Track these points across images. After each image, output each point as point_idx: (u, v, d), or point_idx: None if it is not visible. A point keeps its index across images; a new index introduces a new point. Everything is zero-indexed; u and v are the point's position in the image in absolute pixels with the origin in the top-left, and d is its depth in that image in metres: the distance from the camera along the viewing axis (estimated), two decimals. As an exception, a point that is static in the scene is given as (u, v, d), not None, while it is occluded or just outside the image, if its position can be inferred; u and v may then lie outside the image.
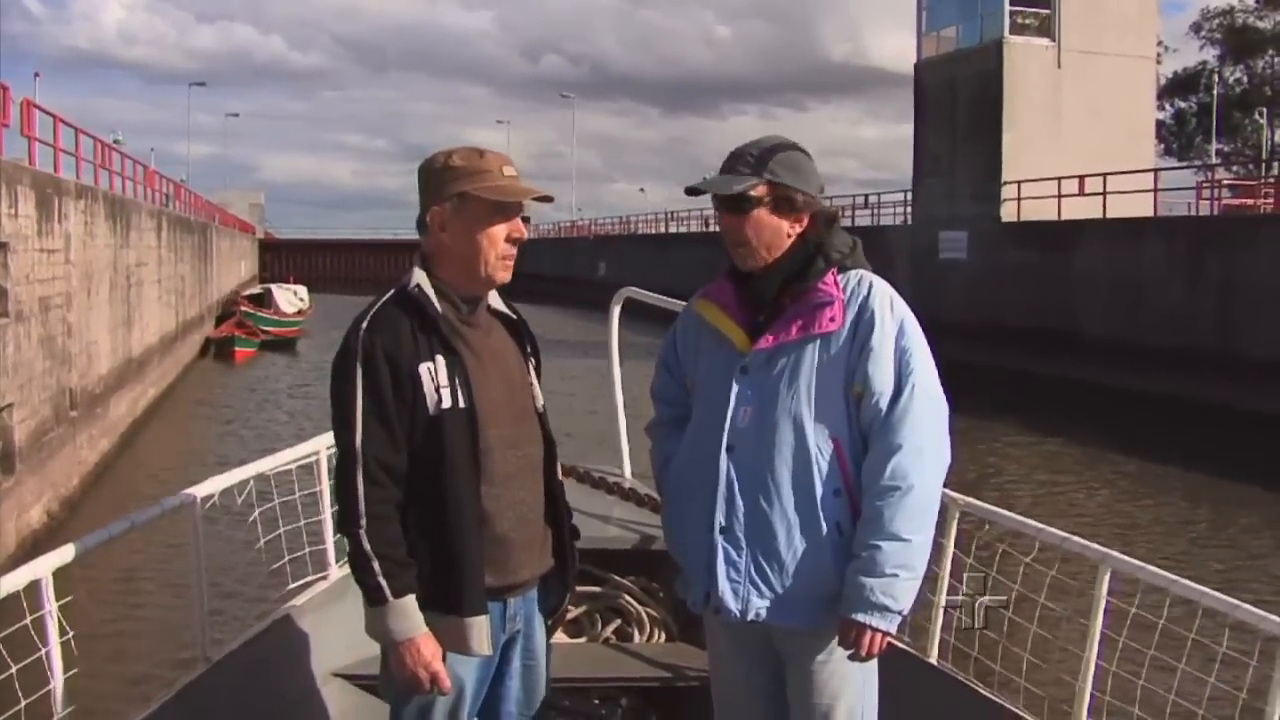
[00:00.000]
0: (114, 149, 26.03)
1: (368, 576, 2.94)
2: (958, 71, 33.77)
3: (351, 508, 2.95)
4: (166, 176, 38.17)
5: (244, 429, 23.00)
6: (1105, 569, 3.70)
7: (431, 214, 3.11)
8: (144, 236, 25.63)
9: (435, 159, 3.15)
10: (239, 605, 8.22)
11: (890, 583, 3.00)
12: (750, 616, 3.14)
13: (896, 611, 3.02)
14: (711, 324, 3.32)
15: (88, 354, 18.12)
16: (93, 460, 17.76)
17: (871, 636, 3.03)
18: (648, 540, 5.18)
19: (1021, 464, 19.99)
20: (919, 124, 35.88)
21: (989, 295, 30.61)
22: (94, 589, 10.69)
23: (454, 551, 3.00)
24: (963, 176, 32.83)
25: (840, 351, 3.10)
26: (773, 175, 3.18)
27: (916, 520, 3.03)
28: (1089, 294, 26.88)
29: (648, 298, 6.34)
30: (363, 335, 2.99)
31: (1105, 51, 31.77)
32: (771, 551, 3.12)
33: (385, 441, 2.97)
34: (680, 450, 3.35)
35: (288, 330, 42.31)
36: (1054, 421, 23.31)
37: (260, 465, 4.56)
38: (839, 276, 3.17)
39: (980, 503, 4.20)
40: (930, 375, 3.12)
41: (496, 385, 3.12)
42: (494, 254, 3.11)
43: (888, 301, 3.14)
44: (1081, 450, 20.92)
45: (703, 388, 3.32)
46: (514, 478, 3.13)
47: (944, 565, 4.15)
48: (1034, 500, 16.98)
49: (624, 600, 5.13)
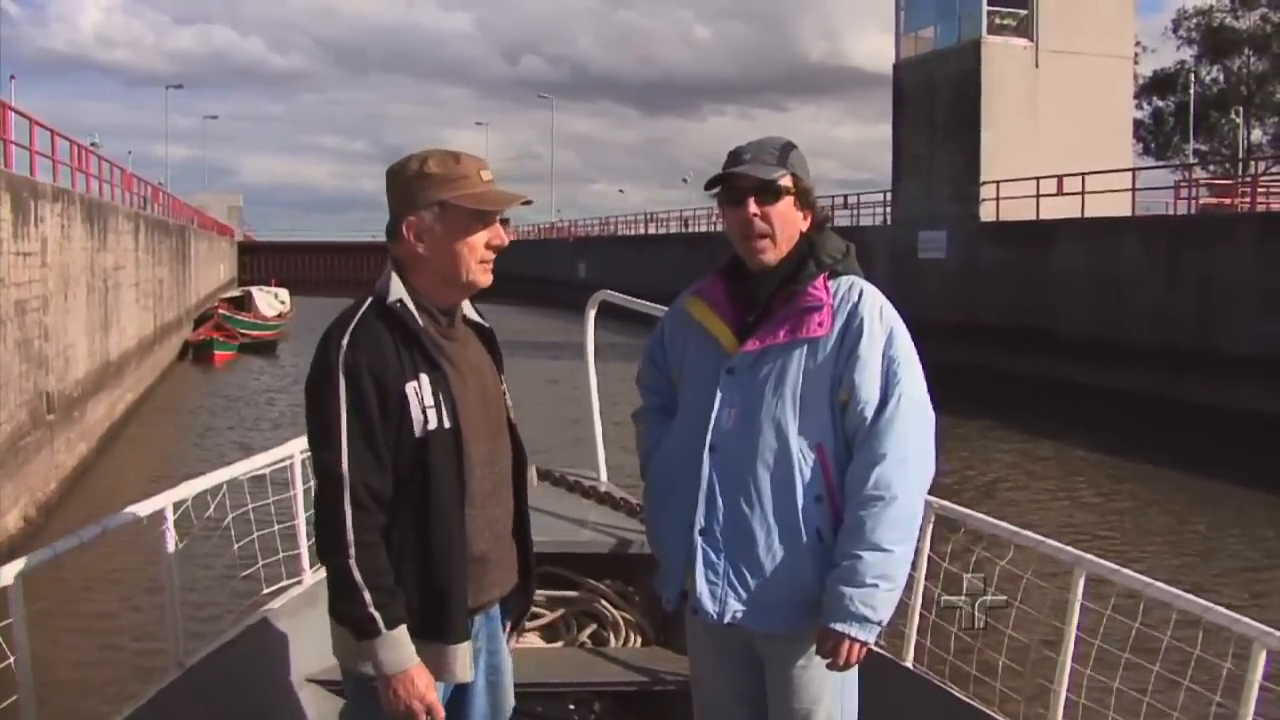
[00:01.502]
0: (91, 152, 25.89)
1: (358, 609, 2.82)
2: (936, 71, 33.84)
3: (338, 535, 2.83)
4: (144, 179, 37.95)
5: (222, 433, 22.89)
6: (1080, 572, 3.71)
7: (407, 223, 2.98)
8: (121, 239, 25.51)
9: (409, 165, 3.01)
10: (213, 610, 8.19)
11: (870, 593, 2.99)
12: (727, 619, 3.14)
13: (876, 622, 3.02)
14: (700, 322, 3.31)
15: (65, 357, 18.03)
16: (70, 464, 17.66)
17: (850, 646, 3.03)
18: (624, 544, 5.17)
19: (1000, 463, 20.04)
20: (898, 124, 35.93)
21: (968, 294, 30.69)
22: (66, 595, 10.63)
23: (438, 577, 2.92)
24: (941, 176, 32.89)
25: (827, 358, 3.10)
26: (794, 168, 3.21)
27: (898, 531, 3.02)
28: (1068, 292, 26.97)
29: (624, 301, 6.33)
30: (345, 352, 2.86)
31: (1083, 51, 31.87)
32: (750, 555, 3.11)
33: (372, 465, 2.85)
34: (664, 445, 3.35)
35: (267, 333, 42.13)
36: (1033, 420, 23.40)
37: (234, 469, 4.54)
38: (830, 282, 3.17)
39: (956, 506, 4.20)
40: (918, 385, 3.11)
41: (475, 401, 3.05)
42: (474, 261, 3.03)
43: (877, 309, 3.13)
44: (1061, 449, 21.00)
45: (688, 386, 3.32)
46: (490, 495, 3.07)
47: (920, 567, 4.14)
48: (1011, 501, 17.03)
49: (599, 604, 5.11)
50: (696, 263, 4.34)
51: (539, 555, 3.39)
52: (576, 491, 5.90)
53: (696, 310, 3.34)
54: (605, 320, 6.66)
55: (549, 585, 5.04)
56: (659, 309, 5.66)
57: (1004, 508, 15.63)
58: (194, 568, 4.93)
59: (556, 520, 5.41)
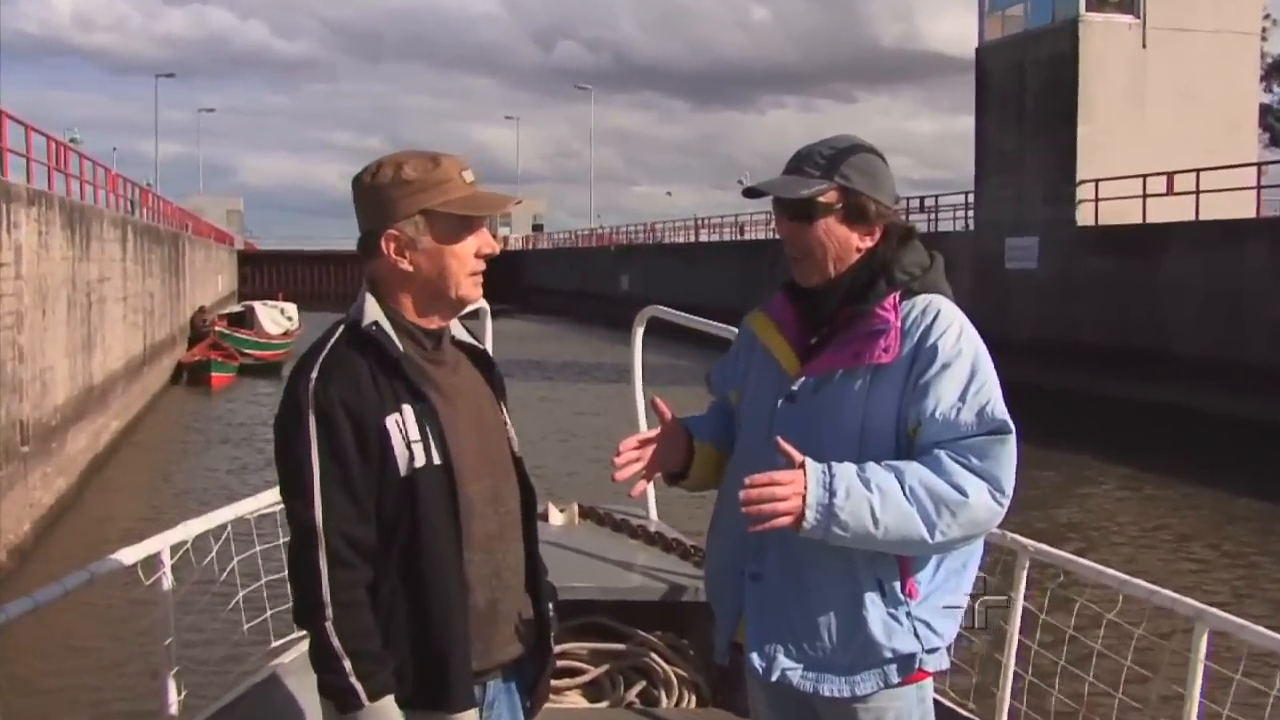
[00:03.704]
0: (71, 149, 26.18)
1: (337, 679, 2.79)
2: (1026, 55, 33.71)
3: (313, 595, 2.80)
4: (132, 180, 38.39)
5: (221, 466, 23.09)
6: (1202, 628, 3.67)
7: (386, 237, 2.96)
8: (106, 248, 25.79)
9: (381, 172, 2.99)
10: (214, 668, 8.22)
11: (861, 504, 2.89)
12: (775, 677, 3.13)
13: (835, 523, 2.89)
14: (763, 340, 3.32)
15: (42, 381, 18.19)
16: (47, 502, 17.81)
17: (787, 503, 2.88)
18: (676, 590, 5.17)
19: (1102, 503, 19.89)
20: (981, 116, 35.83)
21: (1063, 309, 30.51)
22: (47, 651, 10.72)
23: (435, 635, 2.88)
24: (1032, 175, 32.75)
25: (893, 387, 3.06)
26: (845, 180, 3.14)
27: (947, 520, 2.93)
28: (1180, 307, 26.72)
29: (677, 317, 6.33)
30: (314, 386, 2.84)
31: (1199, 28, 31.65)
32: (805, 606, 3.10)
33: (350, 513, 2.82)
34: (723, 482, 3.35)
35: (271, 353, 42.26)
36: (1138, 453, 23.19)
37: (239, 508, 4.56)
38: (902, 302, 3.13)
39: (1052, 549, 4.17)
40: (1001, 416, 3.02)
41: (470, 432, 3.01)
42: (464, 274, 3.01)
43: (955, 332, 3.07)
44: (1170, 486, 20.80)
45: (747, 410, 3.33)
46: (496, 539, 3.03)
47: (1012, 621, 4.12)
48: (1115, 546, 16.90)
49: (649, 659, 5.11)
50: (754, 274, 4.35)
51: (579, 603, 3.38)
52: (623, 531, 5.91)
53: (760, 327, 3.35)
54: (653, 339, 6.67)
55: (592, 637, 5.04)
56: (719, 327, 5.68)
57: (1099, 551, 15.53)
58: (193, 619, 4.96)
59: (601, 563, 5.43)
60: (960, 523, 2.94)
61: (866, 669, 3.08)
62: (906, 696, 3.12)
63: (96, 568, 3.82)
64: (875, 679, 3.07)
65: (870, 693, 3.08)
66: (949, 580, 3.13)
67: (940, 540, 2.95)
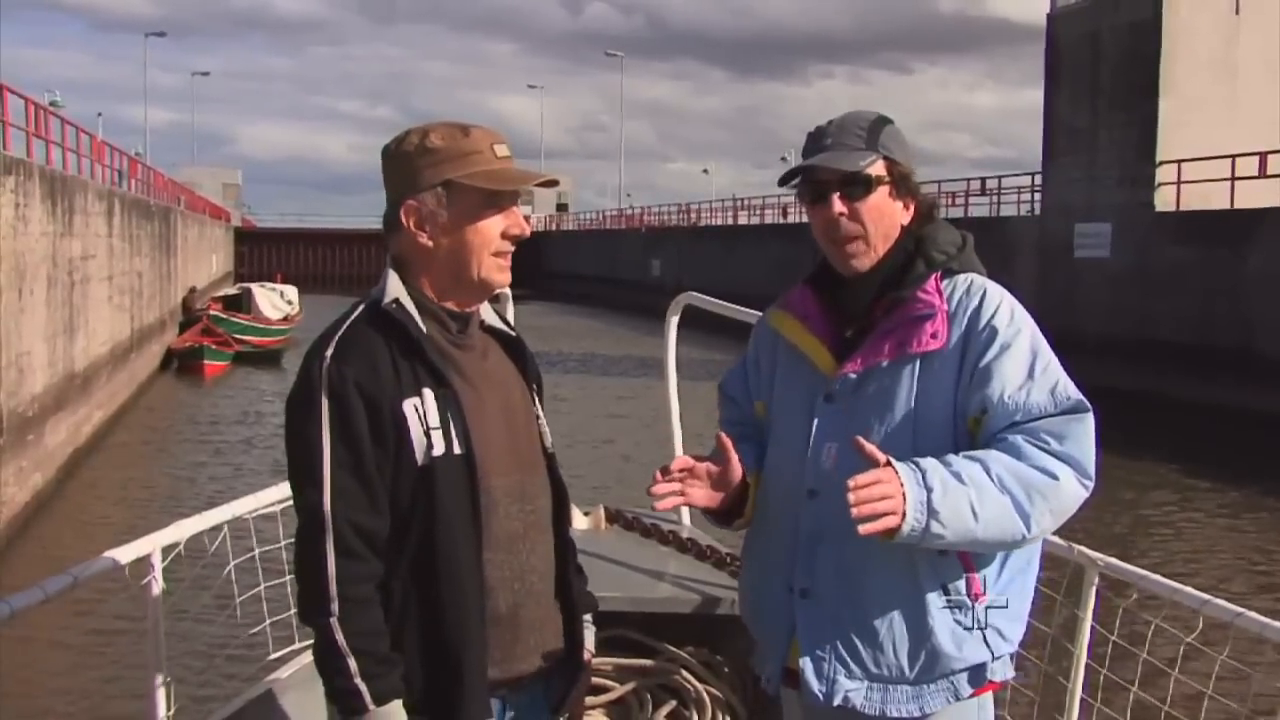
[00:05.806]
0: (51, 113, 26.31)
1: (341, 679, 2.82)
2: (1103, 22, 33.54)
3: (318, 589, 2.83)
4: (119, 149, 38.60)
5: (214, 462, 23.21)
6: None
7: (406, 208, 3.02)
8: (91, 223, 25.87)
9: (407, 139, 3.05)
10: (207, 679, 8.27)
11: (962, 495, 2.88)
12: (837, 701, 3.13)
13: (936, 521, 2.86)
14: (789, 341, 3.33)
15: (18, 367, 18.26)
16: (23, 499, 17.90)
17: (890, 496, 2.84)
18: (710, 602, 5.18)
19: (1180, 515, 19.81)
20: (1051, 89, 35.71)
21: (1139, 302, 30.39)
22: (27, 661, 10.78)
23: (450, 639, 2.91)
24: (1107, 155, 32.61)
25: (947, 375, 3.08)
26: (888, 151, 3.20)
27: (1045, 507, 2.94)
28: (1269, 302, 26.60)
29: (714, 305, 6.35)
30: (328, 365, 2.89)
31: (1298, -7, 31.42)
32: (863, 622, 3.11)
33: (361, 500, 2.86)
34: (759, 494, 3.35)
35: (269, 340, 42.52)
36: (1223, 463, 23.08)
37: (236, 507, 4.57)
38: (944, 283, 3.16)
39: (1125, 564, 4.18)
40: (1074, 392, 3.04)
41: (497, 423, 3.05)
42: (487, 254, 3.05)
43: (1007, 311, 3.11)
44: (1259, 500, 20.72)
45: (779, 417, 3.33)
46: (520, 539, 3.05)
47: (1080, 641, 4.13)
48: (1195, 561, 16.83)
49: (680, 676, 5.12)
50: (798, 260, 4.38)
51: (604, 614, 3.37)
52: (653, 537, 5.92)
53: (784, 326, 3.36)
54: (688, 330, 6.69)
55: (618, 651, 5.06)
56: (756, 315, 5.68)
57: (1173, 566, 15.47)
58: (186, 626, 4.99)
59: (628, 572, 5.44)
60: (1052, 510, 2.96)
61: (935, 682, 3.10)
62: (968, 713, 3.14)
63: (80, 571, 3.82)
64: (945, 694, 3.10)
65: (938, 709, 3.10)
66: (1014, 581, 3.15)
67: (1035, 531, 2.97)
